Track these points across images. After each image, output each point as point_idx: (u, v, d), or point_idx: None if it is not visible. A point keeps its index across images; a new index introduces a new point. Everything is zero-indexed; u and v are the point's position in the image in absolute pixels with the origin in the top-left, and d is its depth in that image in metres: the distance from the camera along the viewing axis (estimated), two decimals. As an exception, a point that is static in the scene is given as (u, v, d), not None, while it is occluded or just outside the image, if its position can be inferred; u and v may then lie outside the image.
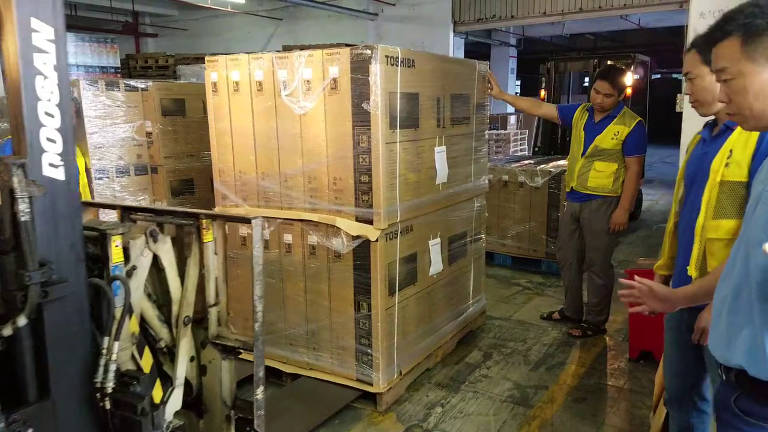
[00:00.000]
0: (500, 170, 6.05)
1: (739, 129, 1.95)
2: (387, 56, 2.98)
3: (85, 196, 3.66)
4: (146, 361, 2.03)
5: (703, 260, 2.03)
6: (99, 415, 1.86)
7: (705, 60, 1.95)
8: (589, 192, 4.16)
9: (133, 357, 1.99)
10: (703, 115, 2.08)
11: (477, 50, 14.59)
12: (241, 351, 2.19)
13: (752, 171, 1.90)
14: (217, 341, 2.20)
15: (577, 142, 4.23)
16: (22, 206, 1.65)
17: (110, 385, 1.82)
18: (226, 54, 3.69)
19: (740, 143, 1.95)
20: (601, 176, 4.11)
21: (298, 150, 3.28)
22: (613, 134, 4.04)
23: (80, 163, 3.61)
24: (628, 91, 6.52)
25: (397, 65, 3.07)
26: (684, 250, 2.14)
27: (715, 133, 2.08)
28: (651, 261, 3.88)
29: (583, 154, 4.15)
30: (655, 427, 2.68)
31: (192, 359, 2.19)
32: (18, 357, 1.73)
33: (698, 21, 2.98)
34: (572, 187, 4.25)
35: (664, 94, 15.36)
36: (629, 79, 4.27)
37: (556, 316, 4.60)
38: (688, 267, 2.05)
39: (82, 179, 3.62)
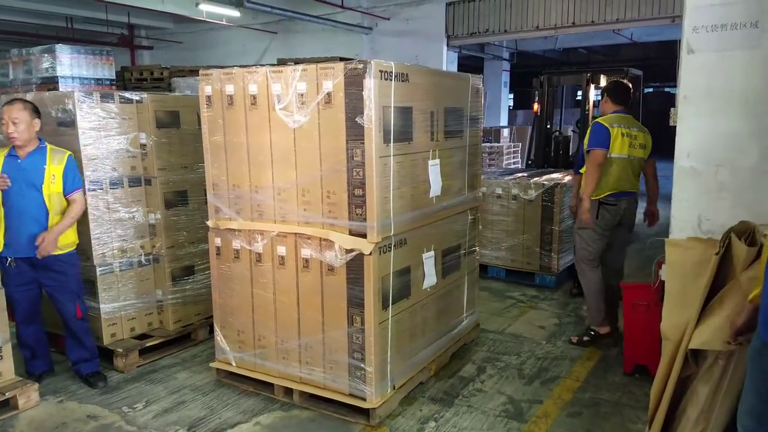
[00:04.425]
0: (494, 183, 6.06)
1: None
2: (381, 71, 2.99)
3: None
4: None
5: None
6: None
7: None
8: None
9: None
10: None
11: (470, 64, 14.68)
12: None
13: None
14: None
15: None
16: None
17: None
18: (221, 67, 3.70)
19: None
20: (584, 179, 4.37)
21: (291, 163, 3.28)
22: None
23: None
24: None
25: (391, 79, 3.08)
26: None
27: None
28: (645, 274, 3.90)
29: None
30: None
31: None
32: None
33: (692, 35, 2.98)
34: None
35: (657, 108, 15.52)
36: (610, 84, 4.53)
37: None
38: None
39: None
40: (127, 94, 4.06)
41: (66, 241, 3.60)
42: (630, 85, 4.46)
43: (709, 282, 2.63)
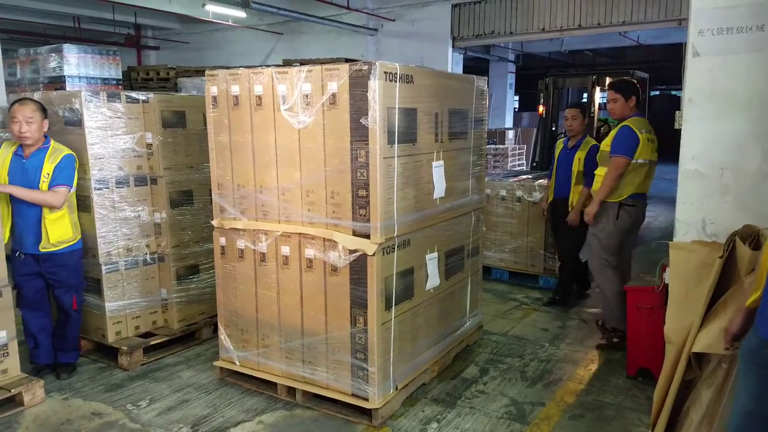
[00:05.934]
0: (498, 185, 6.06)
1: None
2: (385, 72, 3.00)
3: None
4: None
5: None
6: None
7: None
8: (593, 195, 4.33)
9: None
10: None
11: (476, 66, 14.67)
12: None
13: None
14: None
15: None
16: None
17: None
18: (226, 67, 3.71)
19: None
20: (598, 180, 4.25)
21: (296, 164, 3.29)
22: (608, 137, 4.23)
23: None
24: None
25: (396, 81, 3.09)
26: None
27: None
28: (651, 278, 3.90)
29: None
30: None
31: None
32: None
33: (697, 38, 2.98)
34: None
35: (663, 111, 15.51)
36: (634, 86, 4.39)
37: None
38: None
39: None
40: (133, 94, 4.09)
41: (62, 237, 3.66)
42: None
43: (713, 285, 2.62)
